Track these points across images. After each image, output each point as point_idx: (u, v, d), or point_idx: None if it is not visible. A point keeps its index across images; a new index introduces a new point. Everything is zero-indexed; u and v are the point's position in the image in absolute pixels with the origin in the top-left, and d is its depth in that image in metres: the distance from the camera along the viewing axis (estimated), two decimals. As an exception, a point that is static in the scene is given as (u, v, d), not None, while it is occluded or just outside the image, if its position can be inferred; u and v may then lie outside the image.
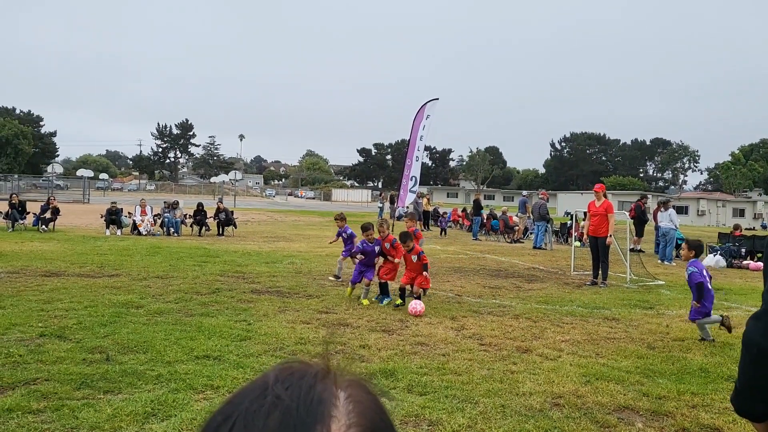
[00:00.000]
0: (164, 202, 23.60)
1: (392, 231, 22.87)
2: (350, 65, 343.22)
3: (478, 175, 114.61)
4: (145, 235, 21.14)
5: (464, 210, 34.33)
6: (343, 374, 0.62)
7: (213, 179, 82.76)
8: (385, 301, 9.58)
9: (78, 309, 8.01)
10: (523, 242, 24.93)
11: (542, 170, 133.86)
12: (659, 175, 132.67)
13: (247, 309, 8.55)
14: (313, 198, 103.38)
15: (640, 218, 21.27)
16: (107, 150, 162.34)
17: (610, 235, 12.26)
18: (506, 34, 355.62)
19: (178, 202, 23.80)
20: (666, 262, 18.01)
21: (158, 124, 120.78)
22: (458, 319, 8.45)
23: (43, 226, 21.07)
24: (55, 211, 21.64)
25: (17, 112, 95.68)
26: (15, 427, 4.11)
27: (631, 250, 19.31)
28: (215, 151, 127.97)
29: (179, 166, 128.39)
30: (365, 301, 9.45)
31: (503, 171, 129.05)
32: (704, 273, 7.83)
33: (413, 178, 23.40)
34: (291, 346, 6.60)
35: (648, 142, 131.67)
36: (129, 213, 22.72)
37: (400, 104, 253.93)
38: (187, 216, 23.36)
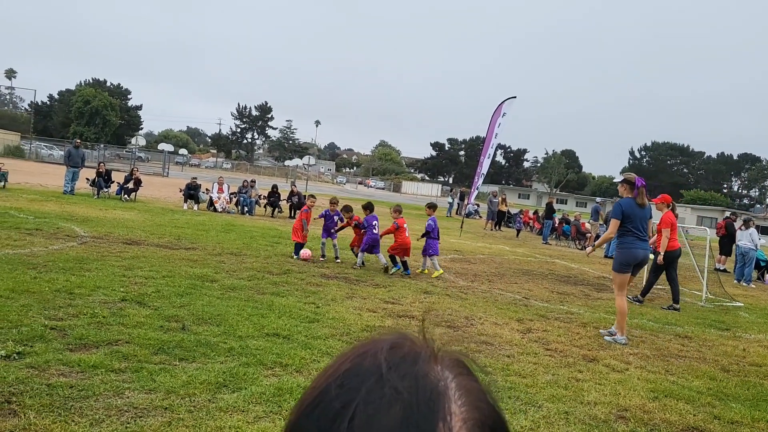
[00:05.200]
0: (244, 181, 24.21)
1: (461, 228, 22.77)
2: (431, 58, 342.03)
3: (552, 178, 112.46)
4: (221, 212, 21.77)
5: (536, 212, 33.83)
6: (447, 355, 0.61)
7: (287, 162, 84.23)
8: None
9: (156, 278, 8.35)
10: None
11: (619, 178, 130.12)
12: (745, 192, 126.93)
13: (316, 292, 8.73)
14: (383, 188, 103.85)
15: (731, 237, 20.18)
16: (188, 126, 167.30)
17: (660, 253, 10.77)
18: (593, 35, 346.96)
19: (255, 182, 24.38)
20: (744, 283, 17.30)
21: (238, 104, 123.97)
22: (525, 321, 8.38)
23: (126, 196, 21.97)
24: (138, 182, 22.54)
25: (108, 84, 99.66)
26: (99, 383, 4.35)
27: (716, 269, 18.64)
28: (291, 135, 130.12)
29: (255, 147, 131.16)
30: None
31: (578, 175, 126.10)
32: (436, 225, 12.02)
33: (482, 175, 23.30)
34: (357, 332, 6.71)
35: (735, 157, 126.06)
36: (207, 189, 23.41)
37: (477, 100, 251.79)
38: (262, 197, 23.91)
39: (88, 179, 22.68)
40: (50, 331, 5.44)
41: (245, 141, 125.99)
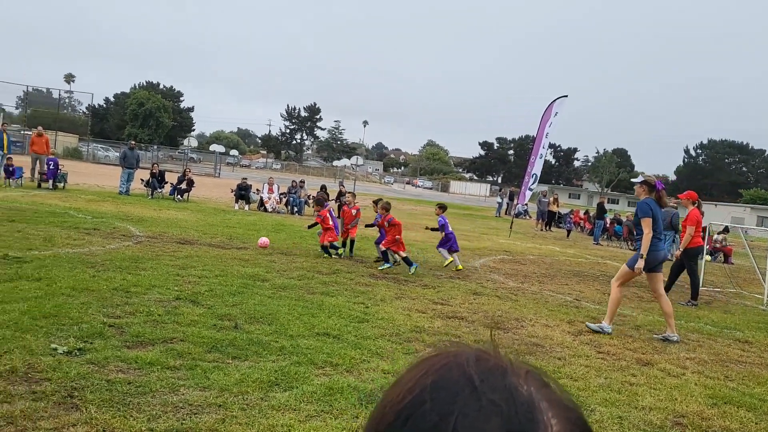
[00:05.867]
0: (293, 181, 24.49)
1: (511, 229, 22.48)
2: (479, 56, 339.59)
3: (603, 178, 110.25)
4: (271, 212, 22.06)
5: (586, 212, 33.25)
6: (523, 367, 0.61)
7: (335, 163, 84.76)
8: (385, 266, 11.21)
9: (209, 277, 8.51)
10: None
11: (673, 177, 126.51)
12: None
13: (365, 292, 8.76)
14: (431, 188, 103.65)
15: None
16: (238, 128, 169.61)
17: (680, 249, 11.28)
18: (641, 29, 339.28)
19: (304, 182, 24.63)
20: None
21: (287, 105, 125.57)
22: (576, 323, 8.25)
23: (179, 196, 22.46)
24: (190, 183, 23.02)
25: (161, 87, 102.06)
26: (155, 380, 4.46)
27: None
28: (339, 136, 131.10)
29: (304, 148, 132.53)
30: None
31: (630, 175, 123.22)
32: (447, 222, 12.32)
33: (534, 176, 22.99)
34: (407, 333, 6.71)
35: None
36: (257, 190, 23.76)
37: (526, 99, 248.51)
38: (310, 197, 24.14)
39: (142, 180, 23.26)
40: (108, 328, 5.60)
41: (294, 141, 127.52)
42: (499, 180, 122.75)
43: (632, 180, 8.90)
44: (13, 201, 15.61)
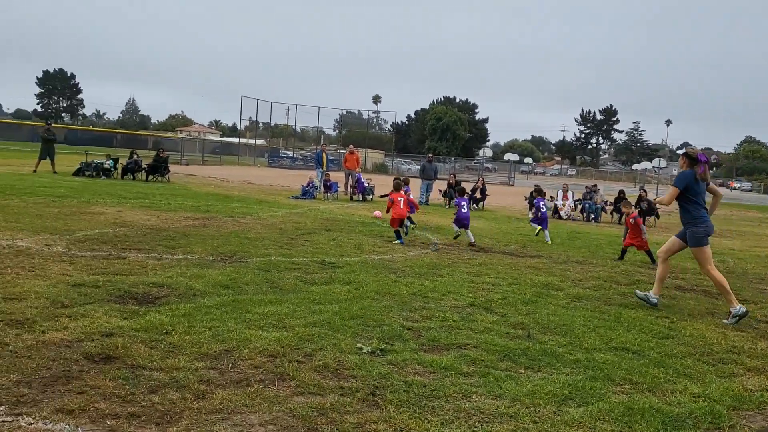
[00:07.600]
0: (586, 187, 23.70)
1: None
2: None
3: None
4: (565, 219, 21.55)
5: None
6: None
7: (635, 166, 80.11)
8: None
9: (502, 285, 8.54)
10: None
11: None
12: None
13: (670, 305, 8.03)
14: (750, 190, 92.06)
15: None
16: (532, 135, 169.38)
17: None
18: None
19: (598, 187, 23.65)
20: None
21: (582, 110, 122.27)
22: None
23: (474, 205, 23.11)
24: (483, 192, 23.56)
25: (457, 100, 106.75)
26: (449, 384, 4.55)
27: None
28: (639, 137, 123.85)
29: (600, 153, 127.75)
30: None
31: None
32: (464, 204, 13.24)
33: None
34: (721, 353, 5.95)
35: None
36: (551, 197, 23.41)
37: None
38: (607, 203, 23.04)
39: (440, 191, 24.44)
40: (407, 331, 5.90)
41: (589, 146, 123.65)
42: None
43: (677, 152, 8.35)
44: (330, 213, 17.52)
